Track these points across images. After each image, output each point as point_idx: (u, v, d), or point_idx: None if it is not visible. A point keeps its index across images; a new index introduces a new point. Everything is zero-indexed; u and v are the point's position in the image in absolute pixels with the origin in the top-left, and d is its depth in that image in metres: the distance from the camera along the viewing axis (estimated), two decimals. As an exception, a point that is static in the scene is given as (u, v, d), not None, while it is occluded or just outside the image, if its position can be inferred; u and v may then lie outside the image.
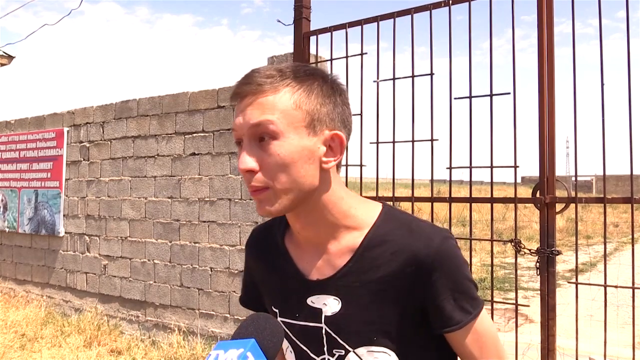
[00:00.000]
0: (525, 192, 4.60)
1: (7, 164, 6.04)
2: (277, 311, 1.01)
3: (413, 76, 2.89)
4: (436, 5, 2.81)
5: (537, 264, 2.58)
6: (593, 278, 6.19)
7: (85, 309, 5.02)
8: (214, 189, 4.15)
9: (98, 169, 5.07)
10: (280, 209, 0.87)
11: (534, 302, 4.78)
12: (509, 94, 2.65)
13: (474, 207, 2.86)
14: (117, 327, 4.68)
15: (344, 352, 0.92)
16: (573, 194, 2.52)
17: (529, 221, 12.33)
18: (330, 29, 3.20)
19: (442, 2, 2.79)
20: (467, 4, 2.74)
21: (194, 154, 4.30)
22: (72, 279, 5.24)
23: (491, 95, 2.66)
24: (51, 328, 4.70)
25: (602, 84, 2.44)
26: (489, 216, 2.80)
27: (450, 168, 2.79)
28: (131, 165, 4.78)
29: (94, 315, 4.79)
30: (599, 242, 11.07)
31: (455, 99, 2.79)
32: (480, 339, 0.91)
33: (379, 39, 3.03)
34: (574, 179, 2.62)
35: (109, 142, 4.98)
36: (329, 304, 0.93)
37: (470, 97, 2.73)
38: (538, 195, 2.61)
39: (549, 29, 2.58)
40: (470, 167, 2.77)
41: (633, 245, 2.49)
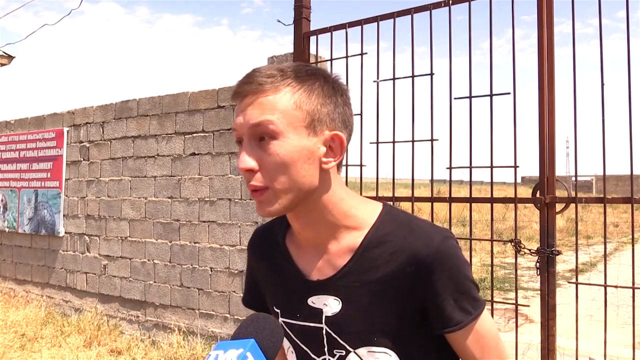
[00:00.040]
0: (525, 192, 4.60)
1: (7, 164, 6.04)
2: (278, 311, 1.01)
3: (413, 76, 2.89)
4: (436, 5, 2.81)
5: (537, 264, 2.58)
6: (593, 278, 6.19)
7: (85, 309, 5.02)
8: (214, 189, 4.15)
9: (98, 169, 5.07)
10: (280, 209, 0.87)
11: (534, 302, 4.78)
12: (509, 94, 2.65)
13: (474, 207, 2.86)
14: (117, 327, 4.68)
15: (344, 352, 0.92)
16: (573, 194, 2.52)
17: (529, 221, 12.33)
18: (330, 29, 3.20)
19: (442, 2, 2.79)
20: (467, 4, 2.74)
21: (194, 154, 4.30)
22: (72, 279, 5.24)
23: (491, 95, 2.66)
24: (51, 328, 4.70)
25: (602, 84, 2.44)
26: (489, 216, 2.81)
27: (450, 168, 2.79)
28: (131, 165, 4.78)
29: (94, 315, 4.79)
30: (599, 242, 11.07)
31: (455, 99, 2.79)
32: (482, 340, 0.90)
33: (379, 39, 3.03)
34: (574, 179, 2.62)
35: (109, 142, 4.98)
36: (329, 304, 0.93)
37: (470, 97, 2.73)
38: (538, 195, 2.61)
39: (549, 29, 2.58)
40: (470, 167, 2.77)
41: (633, 245, 2.49)
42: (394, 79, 2.92)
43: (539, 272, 2.57)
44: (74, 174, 5.29)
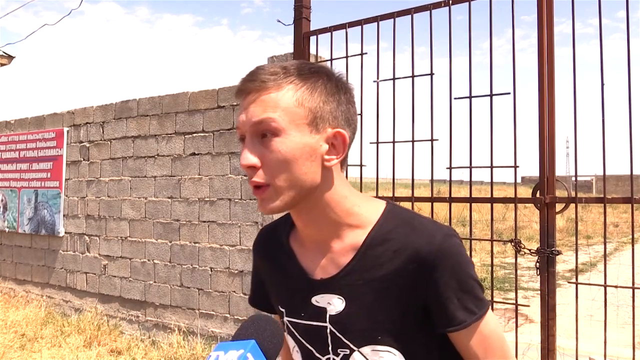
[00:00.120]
0: (525, 192, 4.60)
1: (7, 164, 6.04)
2: (283, 311, 1.01)
3: (413, 76, 2.89)
4: (436, 5, 2.81)
5: (537, 264, 2.58)
6: (593, 278, 6.19)
7: (85, 309, 5.02)
8: (214, 189, 4.15)
9: (98, 169, 5.07)
10: (282, 206, 0.87)
11: (534, 302, 4.78)
12: (509, 94, 2.65)
13: (474, 207, 2.86)
14: (117, 327, 4.68)
15: (348, 351, 0.92)
16: (573, 194, 2.52)
17: (529, 221, 12.33)
18: (330, 29, 3.20)
19: (442, 2, 2.79)
20: (467, 4, 2.74)
21: (194, 154, 4.30)
22: (72, 279, 5.24)
23: (491, 95, 2.67)
24: (51, 328, 4.70)
25: (602, 84, 2.44)
26: (489, 216, 2.81)
27: (450, 168, 2.79)
28: (131, 165, 4.78)
29: (94, 315, 4.79)
30: (599, 242, 11.07)
31: (455, 99, 2.79)
32: (485, 341, 0.89)
33: (379, 39, 3.03)
34: (574, 179, 2.62)
35: (109, 142, 4.98)
36: (333, 303, 0.92)
37: (470, 97, 2.73)
38: (538, 195, 2.61)
39: (549, 29, 2.58)
40: (470, 167, 2.77)
41: (633, 245, 2.49)
42: (394, 79, 2.92)
43: (539, 272, 2.57)
44: (74, 174, 5.29)
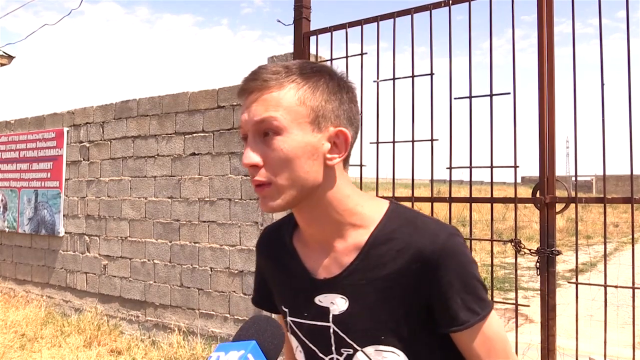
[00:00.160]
0: (525, 192, 4.59)
1: (7, 164, 6.04)
2: (286, 310, 1.00)
3: (413, 76, 2.89)
4: (436, 5, 2.81)
5: (537, 264, 2.58)
6: (593, 278, 6.19)
7: (85, 309, 5.02)
8: (214, 189, 4.15)
9: (98, 169, 5.07)
10: (283, 205, 0.87)
11: (534, 302, 4.78)
12: (509, 94, 2.65)
13: (474, 207, 2.86)
14: (117, 327, 4.68)
15: (352, 351, 0.91)
16: (573, 194, 2.52)
17: (529, 221, 12.32)
18: (330, 29, 3.20)
19: (442, 2, 2.79)
20: (467, 4, 2.74)
21: (194, 154, 4.30)
22: (72, 279, 5.24)
23: (491, 95, 2.67)
24: (51, 328, 4.70)
25: (602, 84, 2.44)
26: (489, 216, 2.81)
27: (450, 168, 2.79)
28: (131, 165, 4.78)
29: (94, 315, 4.79)
30: (599, 242, 11.07)
31: (455, 99, 2.79)
32: (488, 342, 0.88)
33: (379, 39, 3.03)
34: (574, 179, 2.62)
35: (109, 142, 4.98)
36: (336, 303, 0.92)
37: (470, 97, 2.73)
38: (538, 195, 2.61)
39: (549, 28, 2.58)
40: (470, 167, 2.77)
41: (633, 245, 2.49)
42: (394, 79, 2.92)
43: (539, 272, 2.57)
44: (74, 174, 5.29)
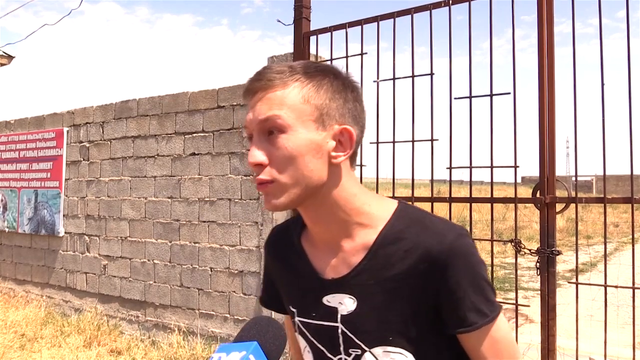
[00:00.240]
0: (525, 192, 4.59)
1: (7, 164, 6.04)
2: (295, 311, 1.00)
3: (413, 76, 2.89)
4: (436, 5, 2.81)
5: (537, 264, 2.58)
6: (593, 278, 6.19)
7: (85, 309, 5.02)
8: (214, 189, 4.15)
9: (98, 169, 5.06)
10: (287, 203, 0.87)
11: (534, 302, 4.77)
12: (509, 94, 2.65)
13: (474, 207, 2.86)
14: (117, 327, 4.67)
15: (360, 351, 0.91)
16: (573, 194, 2.52)
17: (529, 221, 12.32)
18: (330, 29, 3.20)
19: (442, 2, 2.79)
20: (467, 4, 2.74)
21: (193, 154, 4.30)
22: (72, 279, 5.24)
23: (491, 95, 2.66)
24: (51, 328, 4.69)
25: (602, 84, 2.44)
26: (489, 216, 2.81)
27: (450, 168, 2.79)
28: (131, 165, 4.77)
29: (94, 315, 4.79)
30: (599, 242, 11.06)
31: (455, 99, 2.79)
32: (496, 345, 0.88)
33: (379, 39, 3.03)
34: (574, 179, 2.62)
35: (108, 142, 4.98)
36: (344, 303, 0.92)
37: (470, 97, 2.73)
38: (538, 195, 2.61)
39: (549, 28, 2.58)
40: (470, 167, 2.76)
41: (633, 245, 2.49)
42: (394, 79, 2.92)
43: (539, 272, 2.57)
44: (74, 174, 5.29)
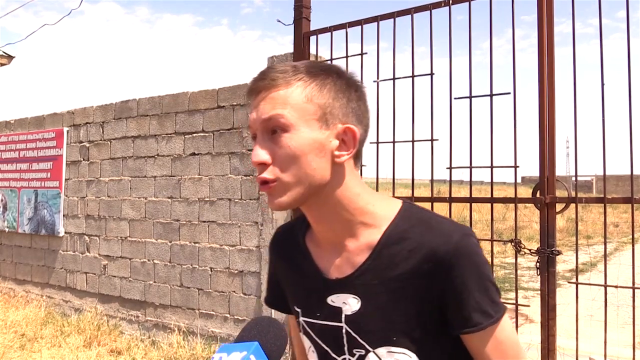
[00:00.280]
0: (525, 192, 4.59)
1: (6, 164, 6.04)
2: (299, 311, 1.00)
3: (413, 76, 2.89)
4: (436, 5, 2.81)
5: (537, 264, 2.58)
6: (593, 278, 6.18)
7: (85, 309, 5.02)
8: (214, 189, 4.15)
9: (98, 169, 5.06)
10: (290, 202, 0.87)
11: (534, 302, 4.77)
12: (509, 94, 2.65)
13: (474, 207, 2.86)
14: (117, 327, 4.67)
15: (364, 352, 0.91)
16: (573, 194, 2.51)
17: (529, 221, 12.32)
18: (330, 29, 3.20)
19: (442, 2, 2.79)
20: (467, 4, 2.74)
21: (193, 154, 4.30)
22: (72, 279, 5.24)
23: (491, 95, 2.66)
24: (51, 328, 4.69)
25: (602, 84, 2.44)
26: (489, 216, 2.80)
27: (450, 168, 2.79)
28: (131, 165, 4.77)
29: (94, 315, 4.79)
30: (599, 242, 11.06)
31: (455, 99, 2.79)
32: (500, 346, 0.87)
33: (379, 39, 3.03)
34: (574, 179, 2.62)
35: (108, 142, 4.98)
36: (348, 303, 0.91)
37: (470, 97, 2.73)
38: (538, 195, 2.61)
39: (549, 28, 2.58)
40: (470, 167, 2.76)
41: (633, 245, 2.49)
42: (394, 79, 2.92)
43: (539, 272, 2.57)
44: (74, 174, 5.29)
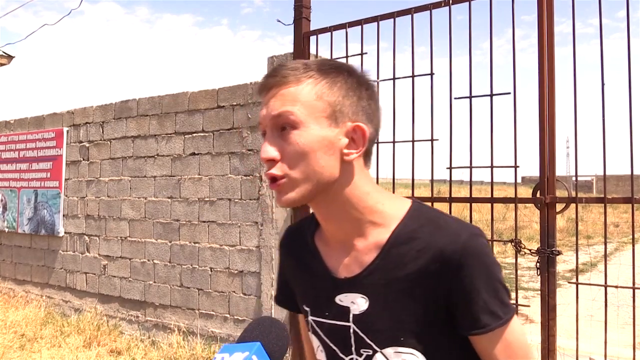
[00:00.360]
0: (525, 192, 4.59)
1: (6, 164, 6.04)
2: (308, 310, 1.00)
3: (413, 76, 2.89)
4: (436, 5, 2.81)
5: (538, 264, 2.57)
6: (593, 278, 6.18)
7: (85, 309, 5.02)
8: (214, 189, 4.15)
9: (98, 169, 5.06)
10: (298, 198, 0.87)
11: (534, 302, 4.76)
12: (509, 94, 2.65)
13: (474, 207, 2.86)
14: (117, 327, 4.67)
15: (371, 352, 0.91)
16: (573, 194, 2.51)
17: (529, 221, 12.31)
18: (330, 29, 3.20)
19: (442, 2, 2.79)
20: (467, 4, 2.74)
21: (193, 154, 4.30)
22: (72, 279, 5.24)
23: (491, 95, 2.66)
24: (51, 328, 4.69)
25: (603, 84, 2.44)
26: (489, 216, 2.80)
27: (450, 168, 2.79)
28: (131, 165, 4.77)
29: (94, 316, 4.79)
30: (599, 242, 11.06)
31: (455, 99, 2.79)
32: (509, 347, 0.86)
33: (379, 39, 3.03)
34: (574, 179, 2.62)
35: (108, 142, 4.98)
36: (356, 302, 0.91)
37: (470, 97, 2.73)
38: (538, 195, 2.61)
39: (549, 28, 2.58)
40: (471, 167, 2.76)
41: (633, 245, 2.49)
42: (394, 78, 2.92)
43: (539, 272, 2.57)
44: (74, 174, 5.29)
